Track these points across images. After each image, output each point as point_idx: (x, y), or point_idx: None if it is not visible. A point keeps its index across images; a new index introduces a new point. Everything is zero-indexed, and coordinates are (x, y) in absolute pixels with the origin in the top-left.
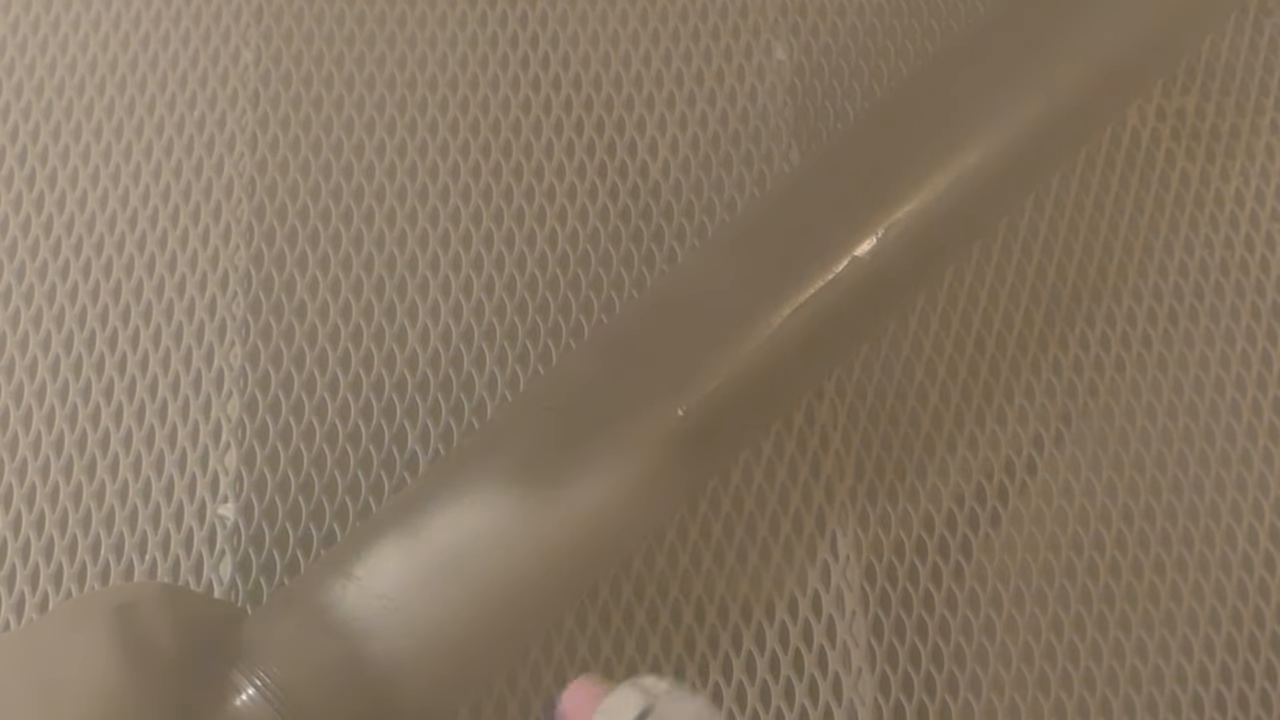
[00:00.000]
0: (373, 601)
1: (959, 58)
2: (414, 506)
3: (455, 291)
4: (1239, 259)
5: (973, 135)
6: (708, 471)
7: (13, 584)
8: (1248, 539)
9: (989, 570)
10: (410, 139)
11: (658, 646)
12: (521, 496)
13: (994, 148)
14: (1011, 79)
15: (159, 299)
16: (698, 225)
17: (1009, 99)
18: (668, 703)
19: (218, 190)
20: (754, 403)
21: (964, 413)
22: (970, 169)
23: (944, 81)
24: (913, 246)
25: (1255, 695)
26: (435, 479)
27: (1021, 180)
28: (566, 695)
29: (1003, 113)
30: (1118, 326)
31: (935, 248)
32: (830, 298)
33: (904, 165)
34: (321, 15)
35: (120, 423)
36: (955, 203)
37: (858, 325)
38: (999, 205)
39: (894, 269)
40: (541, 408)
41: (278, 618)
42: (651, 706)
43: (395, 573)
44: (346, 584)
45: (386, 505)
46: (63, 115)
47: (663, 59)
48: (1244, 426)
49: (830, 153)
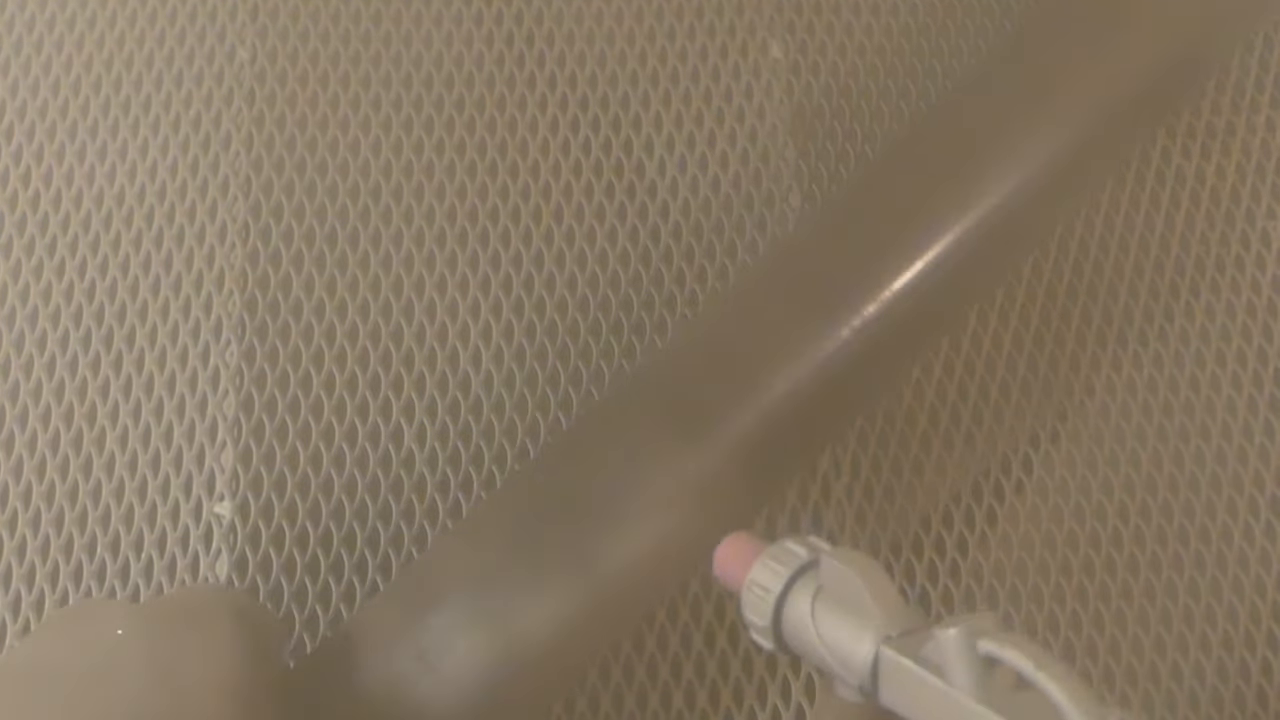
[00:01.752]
0: (445, 690)
1: (992, 91)
2: (489, 588)
3: (451, 290)
4: (1234, 256)
5: (1002, 172)
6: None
7: (9, 582)
8: (1243, 536)
9: (985, 569)
10: (406, 137)
11: (654, 645)
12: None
13: (1026, 184)
14: (1040, 113)
15: (154, 297)
16: (693, 224)
17: (1039, 135)
18: (833, 554)
19: (213, 188)
20: (786, 439)
21: (960, 410)
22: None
23: (982, 118)
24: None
25: (1252, 692)
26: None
27: (1053, 212)
28: (726, 543)
29: (1033, 149)
30: (1114, 324)
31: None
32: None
33: (932, 203)
34: (317, 13)
35: (116, 420)
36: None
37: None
38: (1025, 243)
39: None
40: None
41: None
42: (816, 559)
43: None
44: (418, 666)
45: (452, 563)
46: (58, 114)
47: (658, 57)
48: (1239, 424)
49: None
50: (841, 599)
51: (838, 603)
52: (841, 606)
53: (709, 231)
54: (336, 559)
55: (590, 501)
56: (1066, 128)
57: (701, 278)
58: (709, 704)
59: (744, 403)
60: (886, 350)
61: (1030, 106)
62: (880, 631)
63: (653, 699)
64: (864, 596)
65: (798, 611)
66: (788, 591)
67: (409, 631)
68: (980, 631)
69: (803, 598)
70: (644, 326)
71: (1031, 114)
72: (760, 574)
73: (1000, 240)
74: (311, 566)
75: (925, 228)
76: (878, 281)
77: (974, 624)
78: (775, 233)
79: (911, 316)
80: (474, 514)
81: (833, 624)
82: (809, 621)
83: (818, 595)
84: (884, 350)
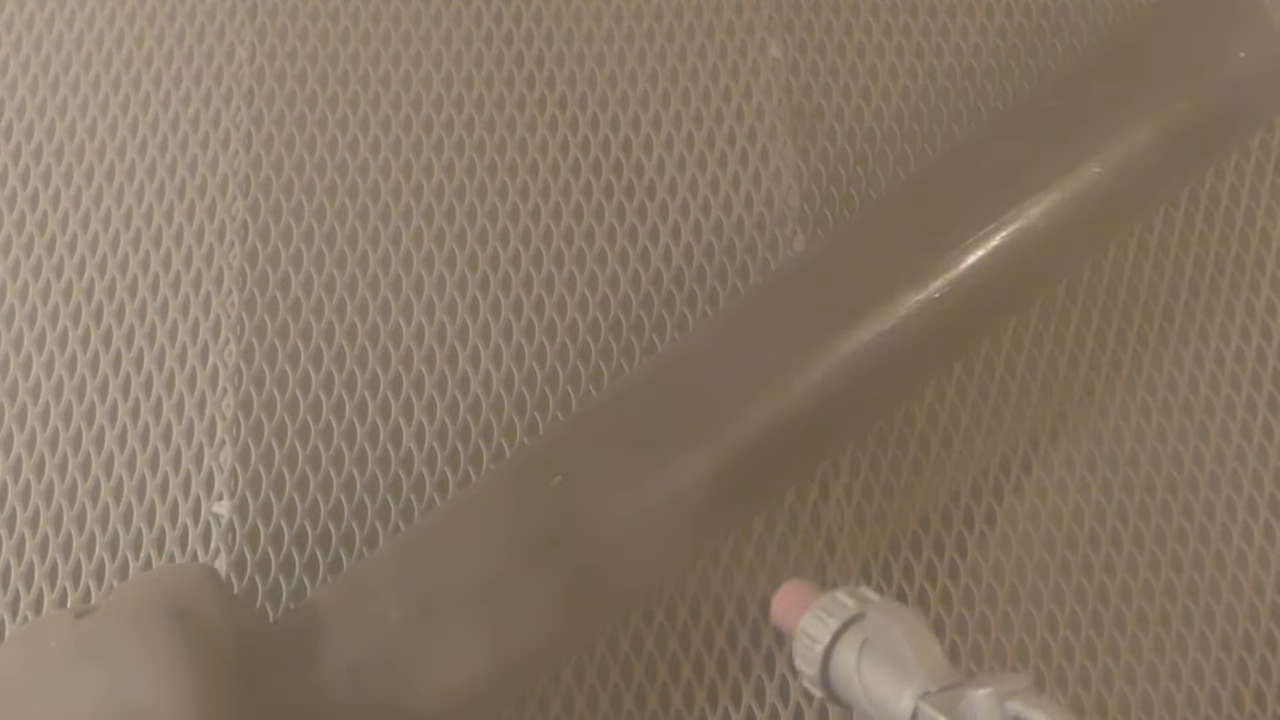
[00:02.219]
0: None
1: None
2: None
3: (450, 289)
4: (1234, 256)
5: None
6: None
7: (7, 581)
8: (1242, 537)
9: (984, 569)
10: (405, 136)
11: (653, 644)
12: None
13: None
14: (1072, 141)
15: (153, 295)
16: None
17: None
18: (880, 610)
19: (212, 187)
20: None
21: (959, 409)
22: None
23: (1006, 144)
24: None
25: (1250, 692)
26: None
27: (1079, 246)
28: (783, 591)
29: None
30: (1113, 325)
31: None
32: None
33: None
34: (315, 12)
35: (114, 419)
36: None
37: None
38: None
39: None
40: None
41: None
42: (863, 612)
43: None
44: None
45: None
46: (56, 112)
47: (658, 57)
48: (1238, 425)
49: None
50: (886, 652)
51: (883, 656)
52: (885, 660)
53: (707, 230)
54: (335, 558)
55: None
56: (1099, 162)
57: (700, 277)
58: (707, 703)
59: (751, 407)
60: (902, 362)
61: (1061, 141)
62: (920, 687)
63: (651, 699)
64: (906, 651)
65: (844, 662)
66: (835, 642)
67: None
68: (1011, 693)
69: (849, 649)
70: (643, 325)
71: (1062, 147)
72: (810, 624)
73: (1025, 266)
74: (310, 566)
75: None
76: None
77: (1006, 684)
78: (774, 232)
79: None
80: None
81: (876, 677)
82: (854, 673)
83: (864, 647)
84: (900, 362)
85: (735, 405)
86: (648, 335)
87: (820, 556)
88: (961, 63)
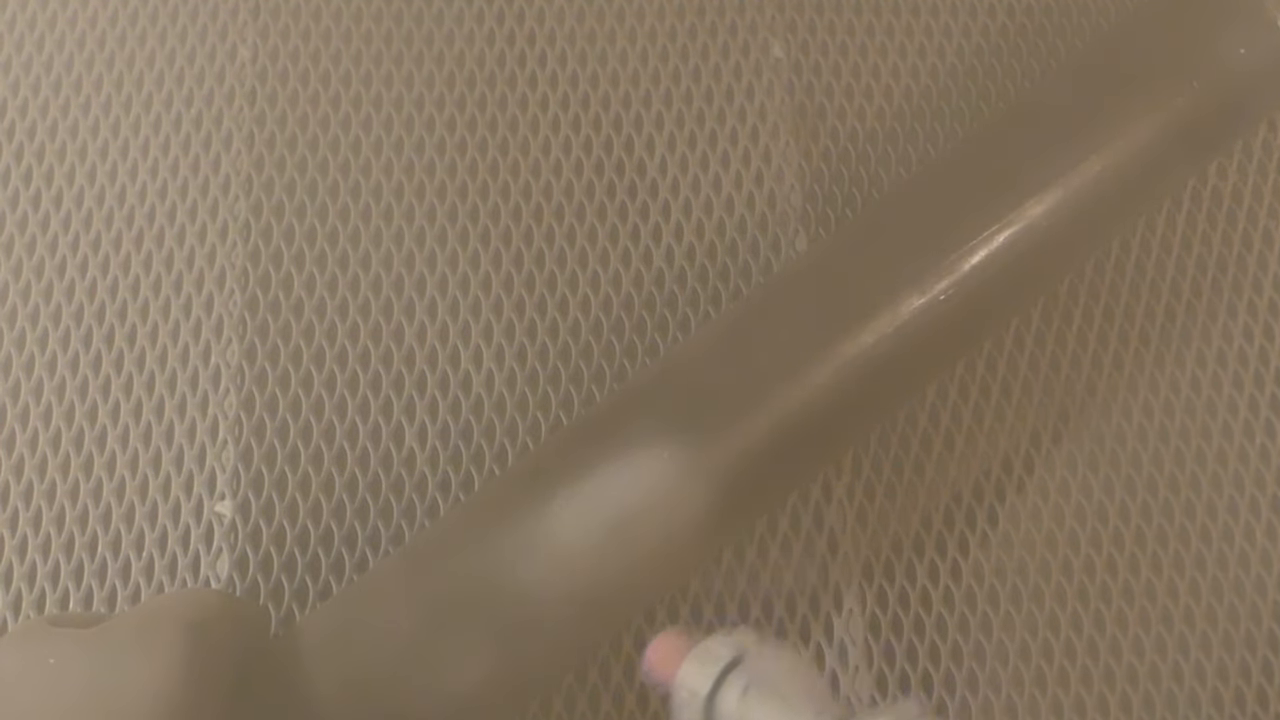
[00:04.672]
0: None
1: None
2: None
3: (452, 288)
4: (1236, 254)
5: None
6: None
7: (10, 581)
8: (1244, 536)
9: (986, 568)
10: (407, 136)
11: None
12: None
13: (1060, 205)
14: (1075, 139)
15: (155, 296)
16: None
17: (1072, 159)
18: (757, 653)
19: (214, 187)
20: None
21: (960, 409)
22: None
23: (1006, 143)
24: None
25: (1252, 692)
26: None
27: (1084, 244)
28: (653, 646)
29: (1067, 173)
30: (1115, 324)
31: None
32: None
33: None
34: (318, 13)
35: (117, 419)
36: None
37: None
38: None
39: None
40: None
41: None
42: (740, 657)
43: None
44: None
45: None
46: (59, 113)
47: (660, 56)
48: (1240, 424)
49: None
50: (771, 693)
51: (768, 697)
52: (770, 701)
53: (710, 230)
54: (338, 558)
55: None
56: (1101, 159)
57: (703, 276)
58: None
59: (757, 408)
60: (904, 364)
61: (1063, 139)
62: None
63: (652, 699)
64: (792, 690)
65: (728, 711)
66: (716, 691)
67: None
68: None
69: (732, 695)
70: (645, 324)
71: (1064, 145)
72: (688, 677)
73: (1029, 265)
74: (312, 565)
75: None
76: (902, 297)
77: (899, 713)
78: (776, 231)
79: (933, 331)
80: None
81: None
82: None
83: (747, 692)
84: (902, 364)
85: (740, 409)
86: (650, 335)
87: (823, 556)
88: (962, 63)
